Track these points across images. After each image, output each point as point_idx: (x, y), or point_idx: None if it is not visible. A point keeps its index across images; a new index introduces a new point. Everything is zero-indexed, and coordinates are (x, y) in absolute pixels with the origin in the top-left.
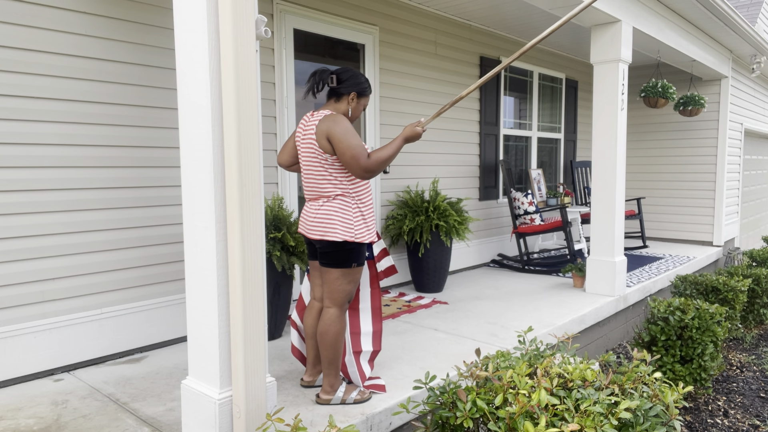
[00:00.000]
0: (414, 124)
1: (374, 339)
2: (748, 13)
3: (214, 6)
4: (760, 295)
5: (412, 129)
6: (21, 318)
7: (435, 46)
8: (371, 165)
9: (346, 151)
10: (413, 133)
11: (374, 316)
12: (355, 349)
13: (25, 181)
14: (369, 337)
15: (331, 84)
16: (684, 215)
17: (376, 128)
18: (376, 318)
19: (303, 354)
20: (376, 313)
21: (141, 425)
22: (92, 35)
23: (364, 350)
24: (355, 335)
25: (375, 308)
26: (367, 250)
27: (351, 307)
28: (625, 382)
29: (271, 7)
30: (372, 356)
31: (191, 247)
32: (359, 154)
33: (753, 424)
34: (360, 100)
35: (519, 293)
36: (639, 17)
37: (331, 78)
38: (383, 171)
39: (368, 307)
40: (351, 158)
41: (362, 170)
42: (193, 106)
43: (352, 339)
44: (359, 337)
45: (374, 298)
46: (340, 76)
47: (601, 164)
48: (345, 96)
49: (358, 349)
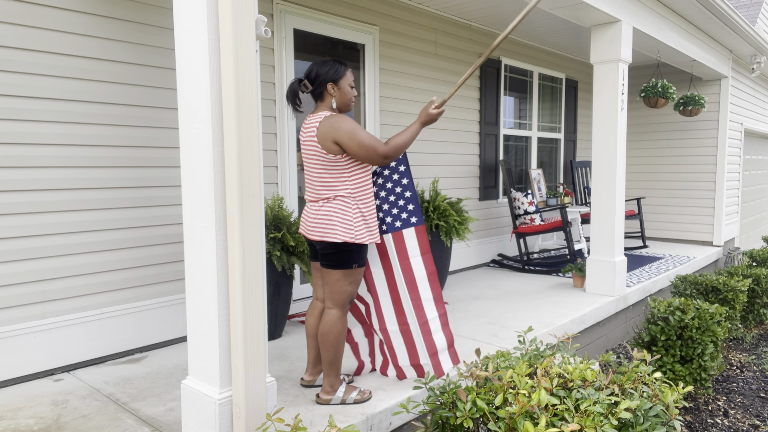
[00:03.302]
0: (427, 107)
1: (436, 303)
2: (748, 13)
3: (214, 6)
4: (760, 295)
5: (427, 112)
6: (21, 318)
7: (435, 46)
8: (389, 151)
9: (360, 148)
10: (429, 116)
11: (431, 282)
12: (420, 321)
13: (25, 181)
14: (431, 303)
15: (305, 91)
16: (684, 215)
17: (376, 128)
18: (434, 283)
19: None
20: (432, 278)
21: (141, 425)
22: (92, 35)
23: (430, 318)
24: (418, 307)
25: (431, 273)
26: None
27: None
28: (625, 382)
29: (271, 7)
30: (442, 321)
31: (191, 247)
32: (373, 145)
33: (753, 424)
34: (340, 84)
35: (519, 293)
36: (639, 17)
37: (304, 85)
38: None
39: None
40: (366, 151)
41: (381, 158)
42: (193, 106)
43: (416, 312)
44: (422, 308)
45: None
46: (309, 78)
47: (601, 164)
48: (324, 91)
49: (424, 319)
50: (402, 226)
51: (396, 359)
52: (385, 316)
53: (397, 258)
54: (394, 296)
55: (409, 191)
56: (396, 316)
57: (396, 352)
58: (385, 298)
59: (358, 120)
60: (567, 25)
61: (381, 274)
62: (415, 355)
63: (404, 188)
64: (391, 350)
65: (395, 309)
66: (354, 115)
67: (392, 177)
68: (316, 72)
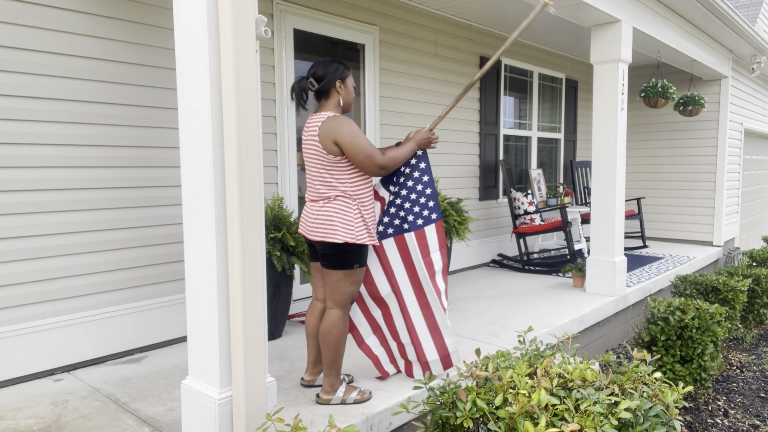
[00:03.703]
0: (421, 131)
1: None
2: (748, 13)
3: (214, 6)
4: (760, 295)
5: (422, 136)
6: (21, 318)
7: (435, 46)
8: (386, 162)
9: (359, 152)
10: (423, 139)
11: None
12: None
13: (25, 181)
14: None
15: (313, 88)
16: (684, 215)
17: (376, 128)
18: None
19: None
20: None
21: (141, 425)
22: (92, 35)
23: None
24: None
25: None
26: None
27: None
28: (625, 382)
29: (271, 7)
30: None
31: (191, 247)
32: (373, 153)
33: (753, 424)
34: (347, 83)
35: (519, 293)
36: (639, 17)
37: (311, 83)
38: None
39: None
40: (365, 158)
41: (378, 167)
42: (193, 105)
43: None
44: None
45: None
46: (317, 76)
47: (601, 164)
48: (332, 89)
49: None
50: (424, 224)
51: (423, 355)
52: (411, 314)
53: (420, 255)
54: (418, 292)
55: (429, 188)
56: (422, 310)
57: (424, 347)
58: (409, 296)
59: (358, 120)
60: (567, 25)
61: (404, 273)
62: (443, 346)
63: (425, 185)
64: (418, 347)
65: (420, 304)
66: (354, 115)
67: (413, 174)
68: (323, 71)
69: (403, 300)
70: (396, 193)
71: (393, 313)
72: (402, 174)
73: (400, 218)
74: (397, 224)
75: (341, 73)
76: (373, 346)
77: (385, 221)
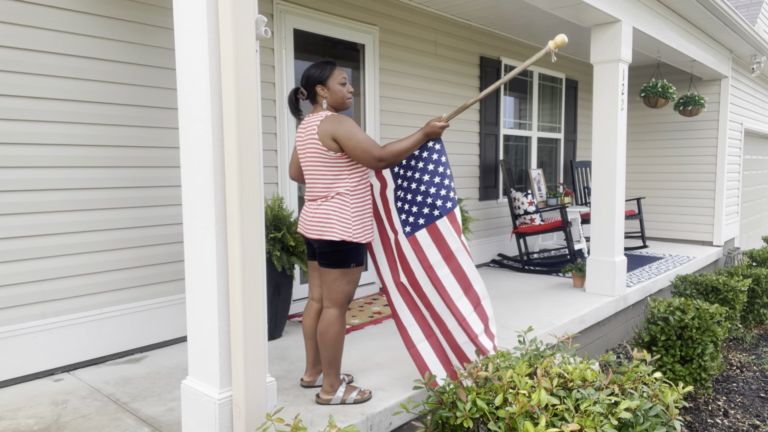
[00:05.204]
0: (435, 120)
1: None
2: (748, 13)
3: (214, 6)
4: (760, 295)
5: (432, 125)
6: (21, 318)
7: (435, 46)
8: (385, 154)
9: (356, 147)
10: (433, 129)
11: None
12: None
13: (25, 181)
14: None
15: (303, 98)
16: (684, 215)
17: (376, 128)
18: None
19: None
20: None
21: (141, 425)
22: (92, 35)
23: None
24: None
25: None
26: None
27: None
28: (625, 382)
29: (271, 7)
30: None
31: (191, 247)
32: (369, 147)
33: (753, 424)
34: (328, 84)
35: (519, 293)
36: (639, 17)
37: (302, 93)
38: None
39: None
40: (362, 152)
41: (375, 160)
42: (193, 106)
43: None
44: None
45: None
46: (303, 86)
47: (601, 164)
48: (317, 95)
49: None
50: (452, 207)
51: (472, 330)
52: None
53: (456, 234)
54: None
55: (447, 178)
56: (465, 294)
57: (471, 324)
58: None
59: (358, 120)
60: (567, 25)
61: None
62: (485, 317)
63: (442, 176)
64: (467, 327)
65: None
66: (354, 115)
67: (427, 167)
68: (305, 79)
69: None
70: (418, 180)
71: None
72: (420, 159)
73: (429, 205)
74: (426, 213)
75: (319, 76)
76: (426, 353)
77: (414, 211)
